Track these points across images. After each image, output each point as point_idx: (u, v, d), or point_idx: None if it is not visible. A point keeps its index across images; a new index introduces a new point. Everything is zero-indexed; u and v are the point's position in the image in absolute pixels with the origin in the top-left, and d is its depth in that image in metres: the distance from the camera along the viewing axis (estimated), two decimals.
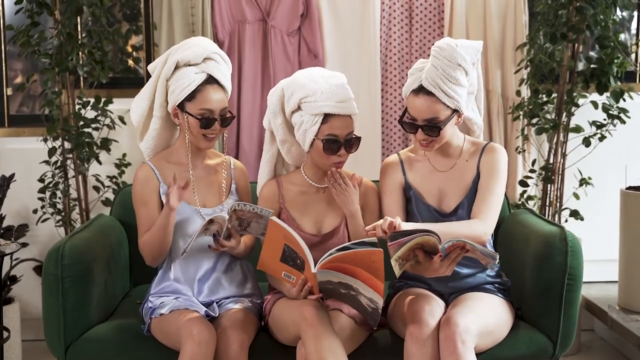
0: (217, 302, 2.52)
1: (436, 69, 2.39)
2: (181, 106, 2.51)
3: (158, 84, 2.56)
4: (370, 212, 2.59)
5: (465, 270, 2.50)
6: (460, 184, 2.52)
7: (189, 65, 2.52)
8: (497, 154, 2.51)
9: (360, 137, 2.53)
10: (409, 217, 2.54)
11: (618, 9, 3.59)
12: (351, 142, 2.51)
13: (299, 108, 2.51)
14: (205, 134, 2.51)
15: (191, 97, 2.50)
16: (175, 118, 2.55)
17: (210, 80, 2.51)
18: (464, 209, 2.50)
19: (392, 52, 3.83)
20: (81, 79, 3.72)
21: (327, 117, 2.47)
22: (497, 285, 2.53)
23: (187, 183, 2.44)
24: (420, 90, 2.42)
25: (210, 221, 2.39)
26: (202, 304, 2.50)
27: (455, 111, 2.44)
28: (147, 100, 2.61)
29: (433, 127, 2.41)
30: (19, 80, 4.03)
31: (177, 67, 2.53)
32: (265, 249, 2.36)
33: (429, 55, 2.54)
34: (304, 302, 2.33)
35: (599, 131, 3.59)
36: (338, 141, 2.48)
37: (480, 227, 2.41)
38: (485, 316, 2.36)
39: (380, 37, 3.81)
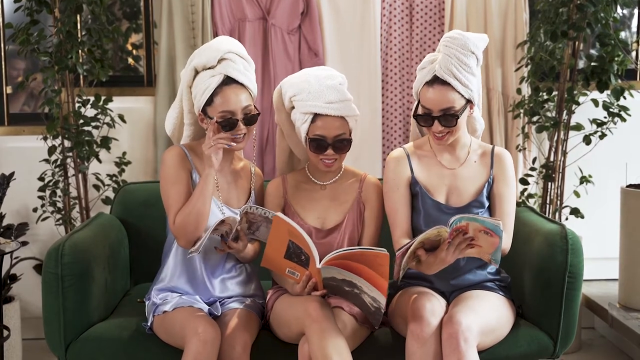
0: (220, 301, 2.52)
1: (450, 58, 2.40)
2: (204, 111, 2.50)
3: (183, 92, 2.56)
4: (371, 208, 2.59)
5: (465, 265, 2.50)
6: (471, 183, 2.52)
7: (206, 69, 2.50)
8: (508, 161, 2.55)
9: (350, 139, 2.53)
10: (414, 213, 2.53)
11: (618, 7, 3.58)
12: (341, 144, 2.51)
13: (292, 106, 2.55)
14: (232, 135, 2.47)
15: (210, 101, 2.47)
16: (202, 123, 2.53)
17: (228, 81, 2.47)
18: (473, 208, 2.49)
19: (393, 50, 3.82)
20: (81, 77, 3.72)
21: (316, 116, 2.49)
22: (497, 282, 2.54)
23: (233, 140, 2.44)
24: (435, 80, 2.42)
25: (221, 222, 2.38)
26: (204, 302, 2.50)
27: (469, 102, 2.45)
28: (177, 108, 2.62)
29: (450, 117, 2.42)
30: (21, 79, 4.03)
31: (197, 73, 2.52)
32: (270, 245, 2.36)
33: (429, 54, 2.55)
34: (308, 298, 2.33)
35: (599, 129, 3.59)
36: (325, 141, 2.49)
37: (507, 241, 2.46)
38: (487, 314, 2.37)
39: (381, 35, 3.81)
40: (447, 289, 2.51)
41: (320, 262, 2.26)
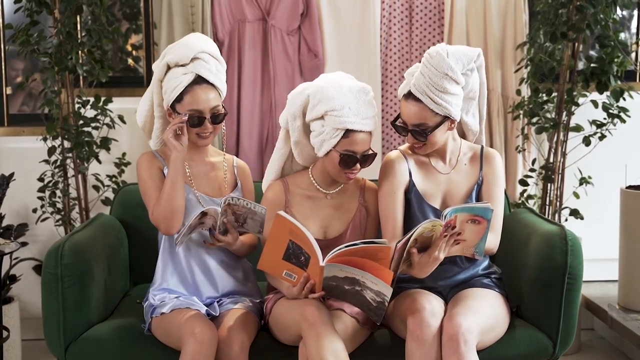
0: (217, 302, 2.52)
1: (424, 77, 2.40)
2: (173, 107, 2.53)
3: (154, 86, 2.58)
4: (372, 214, 2.59)
5: (459, 263, 2.51)
6: (462, 188, 2.53)
7: (178, 66, 2.52)
8: (498, 161, 2.55)
9: (376, 153, 2.50)
10: (410, 218, 2.51)
11: (618, 8, 3.59)
12: (367, 158, 2.48)
13: (321, 118, 2.47)
14: (198, 133, 2.52)
15: (180, 98, 2.51)
16: (170, 118, 2.56)
17: (199, 80, 2.50)
18: None
19: (392, 51, 3.82)
20: (81, 78, 3.72)
21: (348, 132, 2.43)
22: (492, 277, 2.54)
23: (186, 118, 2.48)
24: (410, 95, 2.43)
25: (204, 214, 2.39)
26: (202, 302, 2.50)
27: (447, 118, 2.44)
28: (148, 100, 2.64)
29: (421, 133, 2.43)
30: (20, 79, 4.03)
31: (169, 68, 2.54)
32: (268, 246, 2.36)
33: (417, 63, 2.55)
34: (305, 301, 2.33)
35: (599, 130, 3.59)
36: (355, 157, 2.45)
37: (494, 241, 2.46)
38: (486, 314, 2.37)
39: (381, 36, 3.81)
40: (443, 288, 2.51)
41: (323, 260, 2.26)
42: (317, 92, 2.48)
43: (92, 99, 3.65)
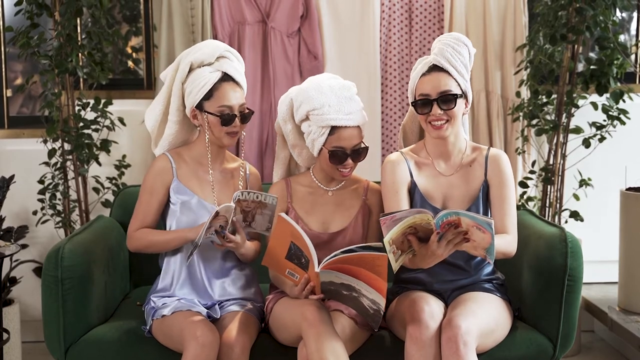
0: (218, 304, 2.53)
1: (445, 47, 2.45)
2: (200, 106, 2.53)
3: (173, 89, 2.57)
4: (375, 214, 2.61)
5: (464, 267, 2.50)
6: (466, 190, 2.52)
7: (203, 66, 2.54)
8: (504, 162, 2.53)
9: (367, 147, 2.54)
10: None
11: (618, 10, 3.59)
12: (358, 152, 2.52)
13: (307, 118, 2.54)
14: (227, 132, 2.52)
15: (209, 95, 2.51)
16: (194, 120, 2.56)
17: (226, 77, 2.53)
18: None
19: (392, 53, 3.83)
20: (81, 80, 3.72)
21: (334, 128, 2.49)
22: (494, 282, 2.54)
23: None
24: (432, 69, 2.46)
25: (217, 214, 2.37)
26: (204, 305, 2.50)
27: (464, 96, 2.46)
28: (160, 106, 2.63)
29: (449, 98, 2.43)
30: (19, 81, 4.03)
31: (191, 69, 2.55)
32: (272, 244, 2.37)
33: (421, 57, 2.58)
34: (305, 302, 2.33)
35: (598, 132, 3.59)
36: (344, 152, 2.49)
37: (513, 243, 2.46)
38: (486, 317, 2.37)
39: (380, 38, 3.81)
40: (445, 291, 2.51)
41: (318, 266, 2.26)
42: (299, 95, 2.55)
43: (92, 101, 3.66)
